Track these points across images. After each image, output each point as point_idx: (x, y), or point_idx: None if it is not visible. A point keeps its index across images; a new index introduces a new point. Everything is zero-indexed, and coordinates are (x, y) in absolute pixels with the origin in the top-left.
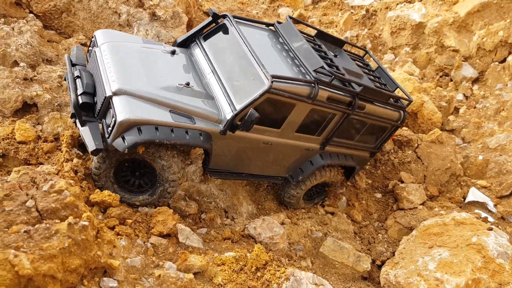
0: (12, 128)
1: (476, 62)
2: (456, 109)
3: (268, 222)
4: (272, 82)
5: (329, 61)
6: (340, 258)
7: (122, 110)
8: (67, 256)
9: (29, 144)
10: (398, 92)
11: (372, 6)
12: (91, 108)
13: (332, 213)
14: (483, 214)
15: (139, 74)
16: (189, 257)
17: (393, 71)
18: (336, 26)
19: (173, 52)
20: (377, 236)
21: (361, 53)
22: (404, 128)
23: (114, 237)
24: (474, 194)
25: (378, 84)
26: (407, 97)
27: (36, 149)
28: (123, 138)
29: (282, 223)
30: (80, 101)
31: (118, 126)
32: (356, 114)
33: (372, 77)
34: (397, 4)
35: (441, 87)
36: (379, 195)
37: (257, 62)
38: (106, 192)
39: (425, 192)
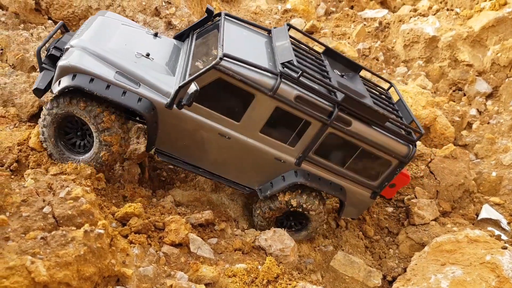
0: (29, 133)
1: (490, 77)
2: (469, 124)
3: (279, 234)
4: (221, 58)
5: (325, 74)
6: (350, 272)
7: (66, 58)
8: (82, 264)
9: (42, 152)
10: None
11: (385, 19)
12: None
13: (344, 227)
14: (497, 232)
15: (105, 39)
16: (200, 267)
17: (406, 84)
18: (349, 38)
19: (155, 35)
20: (388, 251)
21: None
22: (417, 142)
23: (128, 246)
24: (487, 211)
25: (384, 109)
26: (418, 129)
27: (42, 157)
28: (59, 82)
29: None
30: (48, 53)
31: (58, 70)
32: (338, 128)
33: (380, 103)
34: (411, 17)
35: (454, 101)
36: (390, 209)
37: (221, 45)
38: (127, 205)
39: (438, 208)
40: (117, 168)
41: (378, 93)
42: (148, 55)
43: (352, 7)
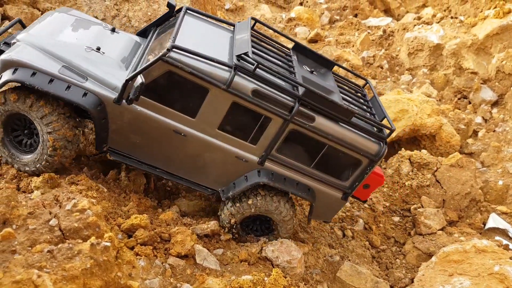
0: None
1: (496, 85)
2: (475, 132)
3: (286, 245)
4: (169, 50)
5: (290, 69)
6: (357, 283)
7: (9, 51)
8: (89, 277)
9: None
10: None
11: (389, 27)
12: None
13: (350, 236)
14: (504, 242)
15: (54, 33)
16: (207, 279)
17: (411, 92)
18: (353, 46)
19: (113, 30)
20: (395, 261)
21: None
22: (423, 150)
23: (134, 258)
24: (494, 220)
25: (353, 105)
26: (389, 126)
27: None
28: (1, 77)
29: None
30: None
31: (0, 64)
32: (300, 125)
33: (351, 99)
34: (415, 25)
35: (459, 109)
36: (397, 219)
37: (173, 37)
38: (133, 216)
39: (444, 217)
40: (123, 177)
41: (353, 90)
42: (98, 49)
43: (356, 16)
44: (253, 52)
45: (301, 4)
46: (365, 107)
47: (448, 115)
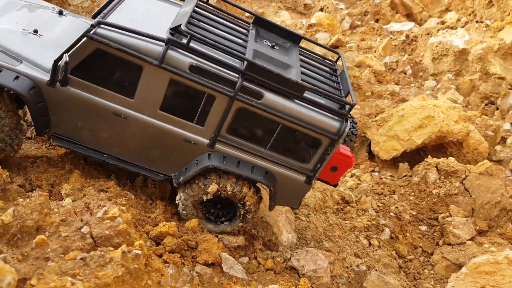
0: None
1: None
2: (503, 139)
3: (311, 254)
4: (93, 26)
5: (244, 43)
6: None
7: None
8: (120, 285)
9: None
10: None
11: (412, 32)
12: None
13: (376, 245)
14: None
15: None
16: None
17: (436, 98)
18: (375, 52)
19: (60, 12)
20: (423, 272)
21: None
22: (450, 158)
23: (162, 265)
24: None
25: (316, 82)
26: (351, 101)
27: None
28: None
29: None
30: None
31: None
32: (247, 102)
33: (316, 74)
34: (439, 30)
35: (486, 115)
36: (424, 228)
37: (104, 13)
38: (161, 224)
39: (474, 226)
40: (149, 184)
41: (323, 65)
42: (35, 31)
43: (377, 21)
44: (194, 25)
45: (321, 10)
46: (334, 83)
47: (475, 121)
